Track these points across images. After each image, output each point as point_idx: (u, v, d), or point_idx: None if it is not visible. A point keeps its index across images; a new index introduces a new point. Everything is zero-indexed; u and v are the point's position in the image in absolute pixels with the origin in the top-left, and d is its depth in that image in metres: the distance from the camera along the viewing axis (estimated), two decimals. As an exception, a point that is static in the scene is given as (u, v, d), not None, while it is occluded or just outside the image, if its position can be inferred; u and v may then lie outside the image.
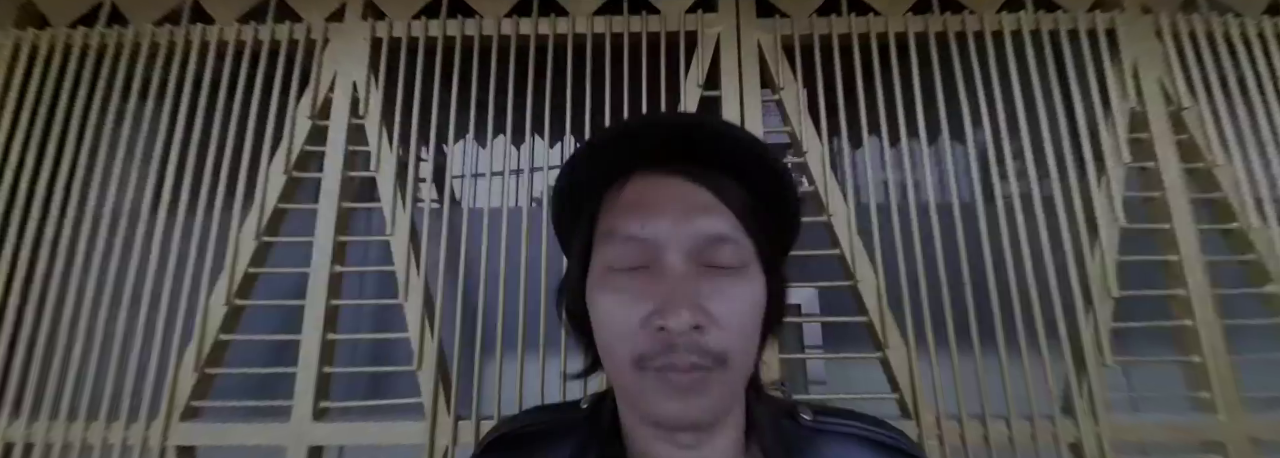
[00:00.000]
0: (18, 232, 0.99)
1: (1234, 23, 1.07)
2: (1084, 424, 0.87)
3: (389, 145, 1.00)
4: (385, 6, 1.06)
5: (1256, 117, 1.02)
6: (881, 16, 1.04)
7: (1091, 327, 0.90)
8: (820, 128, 1.00)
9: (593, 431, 0.39)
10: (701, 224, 0.32)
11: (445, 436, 0.86)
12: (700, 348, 0.30)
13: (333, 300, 0.92)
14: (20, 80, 1.05)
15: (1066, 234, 0.94)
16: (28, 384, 0.93)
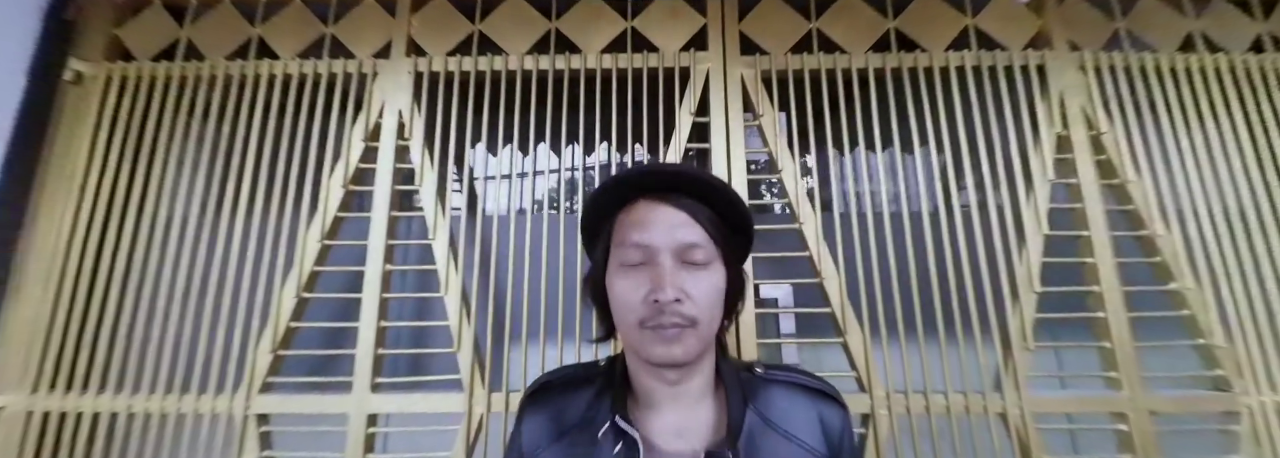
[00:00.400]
0: (116, 233, 1.17)
1: (1150, 58, 1.24)
2: (1009, 398, 1.04)
3: (429, 163, 1.18)
4: (425, 45, 1.24)
5: (1165, 139, 1.19)
6: (847, 54, 1.22)
7: (1017, 317, 1.08)
8: (793, 148, 1.18)
9: (609, 376, 0.57)
10: (681, 235, 0.50)
11: (480, 405, 1.04)
12: (680, 313, 0.47)
13: (384, 294, 1.10)
14: (113, 106, 1.23)
15: (999, 240, 1.12)
16: (129, 363, 1.10)
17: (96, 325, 1.13)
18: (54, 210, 1.17)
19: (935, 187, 1.18)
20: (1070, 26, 1.26)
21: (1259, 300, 1.11)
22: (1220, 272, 1.12)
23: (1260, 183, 1.18)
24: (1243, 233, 1.15)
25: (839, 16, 1.26)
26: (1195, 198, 1.16)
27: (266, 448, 1.06)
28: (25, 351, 1.10)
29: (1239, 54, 1.26)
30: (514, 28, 1.25)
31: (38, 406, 1.08)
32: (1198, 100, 1.22)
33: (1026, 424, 1.03)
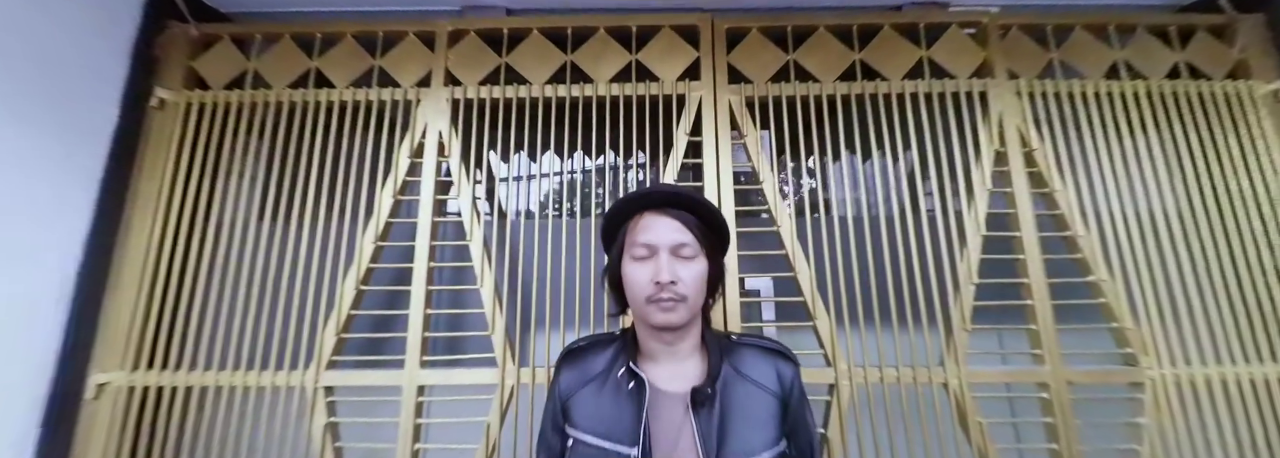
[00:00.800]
0: (200, 237, 1.38)
1: (1079, 84, 1.45)
2: (950, 370, 1.25)
3: (465, 176, 1.38)
4: (459, 75, 1.45)
5: (1087, 153, 1.40)
6: (819, 82, 1.44)
7: (958, 304, 1.29)
8: (772, 163, 1.39)
9: (623, 340, 0.78)
10: (675, 237, 0.71)
11: (511, 378, 1.25)
12: (674, 291, 0.68)
13: (429, 287, 1.31)
14: (191, 129, 1.44)
15: (944, 239, 1.32)
16: (214, 345, 1.31)
17: (185, 314, 1.34)
18: (144, 218, 1.38)
19: (892, 195, 1.39)
20: (1010, 57, 1.47)
21: (1163, 290, 1.32)
22: (1130, 266, 1.33)
23: (1168, 190, 1.39)
24: (1151, 233, 1.36)
25: (812, 50, 1.47)
26: (1111, 204, 1.37)
27: (332, 415, 1.27)
28: (124, 336, 1.31)
29: (1157, 80, 1.48)
30: (535, 60, 1.46)
31: (137, 382, 1.29)
32: (1118, 120, 1.43)
33: (964, 393, 1.24)
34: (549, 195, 1.64)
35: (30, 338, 1.21)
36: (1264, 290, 1.33)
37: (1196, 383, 1.27)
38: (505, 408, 1.25)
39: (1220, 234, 1.37)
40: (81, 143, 1.32)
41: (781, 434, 0.71)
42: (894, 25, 1.48)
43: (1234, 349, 1.30)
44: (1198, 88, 1.46)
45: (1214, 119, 1.45)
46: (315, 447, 1.25)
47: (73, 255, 1.29)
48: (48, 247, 1.25)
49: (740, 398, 0.72)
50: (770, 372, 0.76)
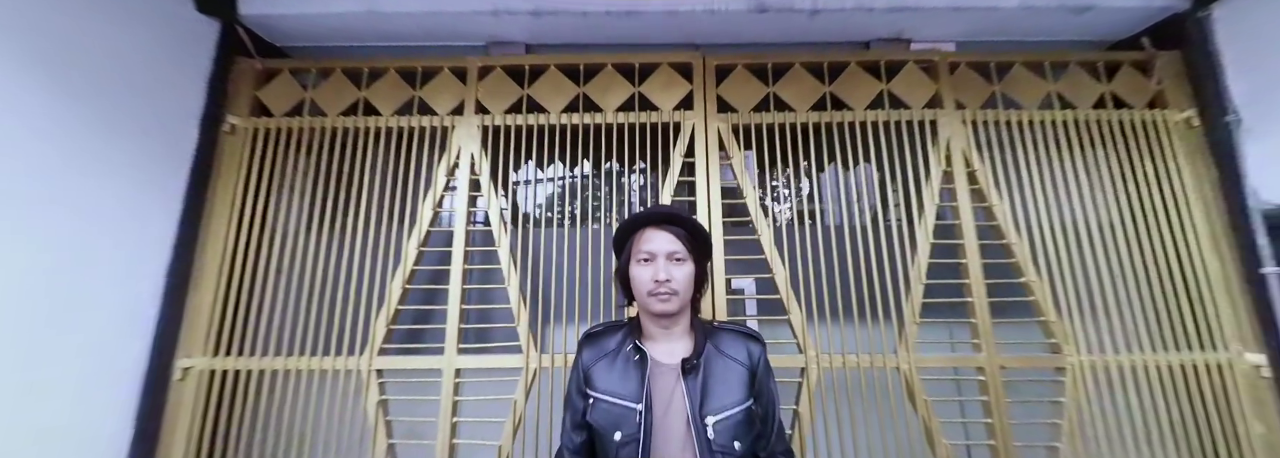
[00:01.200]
0: (268, 242, 1.61)
1: (1016, 114, 1.69)
2: (902, 357, 1.48)
3: (494, 191, 1.62)
4: (488, 105, 1.69)
5: (1020, 173, 1.64)
6: (794, 111, 1.67)
7: (910, 301, 1.52)
8: (754, 181, 1.63)
9: (631, 325, 1.01)
10: (670, 246, 0.94)
11: (534, 362, 1.48)
12: (670, 288, 0.92)
13: (464, 286, 1.54)
14: (261, 152, 1.68)
15: (897, 245, 1.56)
16: (283, 334, 1.54)
17: (256, 307, 1.58)
18: (219, 226, 1.61)
19: (855, 207, 1.63)
20: (958, 90, 1.71)
21: (1083, 290, 1.56)
22: (1055, 269, 1.57)
23: (1090, 205, 1.63)
24: (1074, 241, 1.60)
25: (788, 83, 1.71)
26: (1040, 216, 1.61)
27: (383, 394, 1.50)
28: (204, 327, 1.54)
29: (1085, 110, 1.72)
30: (552, 92, 1.70)
31: (216, 366, 1.52)
32: (1049, 144, 1.67)
33: (913, 376, 1.47)
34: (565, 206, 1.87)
35: (132, 330, 1.44)
36: (1169, 291, 1.57)
37: (1109, 368, 1.51)
38: (529, 388, 1.48)
39: (1135, 243, 1.61)
40: (168, 164, 1.56)
41: (749, 396, 0.94)
42: (859, 62, 1.73)
43: (1142, 341, 1.54)
44: (1120, 116, 1.70)
45: (1133, 143, 1.69)
46: (370, 421, 1.48)
47: (162, 258, 1.52)
48: (143, 251, 1.48)
49: (718, 369, 0.95)
50: (742, 350, 0.99)
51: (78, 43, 1.32)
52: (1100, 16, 1.77)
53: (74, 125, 1.30)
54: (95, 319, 1.34)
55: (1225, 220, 1.60)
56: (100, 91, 1.37)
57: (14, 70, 1.17)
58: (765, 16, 1.72)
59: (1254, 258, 1.53)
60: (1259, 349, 1.51)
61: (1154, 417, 1.50)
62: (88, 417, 1.32)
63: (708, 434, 0.87)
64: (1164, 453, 1.48)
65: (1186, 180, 1.64)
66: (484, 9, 1.70)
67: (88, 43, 1.34)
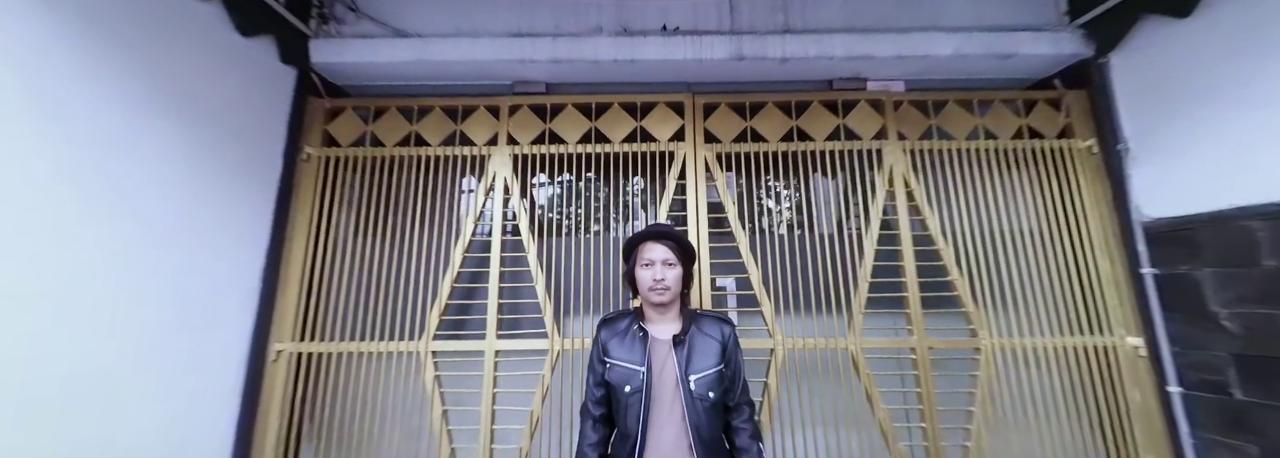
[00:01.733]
0: (340, 250, 1.97)
1: (948, 144, 2.05)
2: (851, 340, 1.84)
3: (522, 207, 1.98)
4: (517, 137, 2.05)
5: (949, 192, 2.00)
6: (767, 141, 2.04)
7: (858, 295, 1.88)
8: (734, 198, 1.99)
9: (636, 312, 1.38)
10: (664, 255, 1.31)
11: (557, 345, 1.84)
12: (664, 285, 1.29)
13: (501, 284, 1.90)
14: (331, 176, 2.03)
15: (849, 251, 1.92)
16: (357, 323, 1.90)
17: (333, 302, 1.93)
18: (299, 236, 1.97)
19: (817, 219, 1.99)
20: (901, 123, 2.07)
21: (997, 286, 1.92)
22: (975, 269, 1.93)
23: (1006, 216, 2.00)
24: (991, 247, 1.96)
25: (763, 119, 2.07)
26: (964, 226, 1.97)
27: (437, 371, 1.86)
28: (291, 318, 1.90)
29: (1005, 140, 2.08)
30: (570, 126, 2.07)
31: (301, 349, 1.88)
32: (974, 168, 2.04)
33: (859, 355, 1.84)
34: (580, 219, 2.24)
35: (239, 322, 1.80)
36: (1068, 287, 1.93)
37: (1017, 349, 1.87)
38: (554, 365, 1.84)
39: (1042, 248, 1.97)
40: (260, 189, 1.91)
41: (721, 362, 1.30)
42: (821, 101, 2.09)
43: (1045, 327, 1.90)
44: (1035, 145, 2.06)
45: (1045, 167, 2.05)
46: (427, 392, 1.84)
47: (257, 265, 1.88)
48: (244, 261, 1.84)
49: (700, 343, 1.31)
50: (717, 330, 1.35)
51: (200, 94, 1.67)
52: (1021, 61, 2.13)
53: (199, 166, 1.65)
54: (214, 317, 1.69)
55: (1115, 230, 1.96)
56: (214, 133, 1.72)
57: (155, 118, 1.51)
58: (743, 62, 2.08)
59: (1136, 261, 1.90)
60: (1138, 334, 1.87)
61: (1052, 388, 1.86)
62: (211, 390, 1.68)
63: (691, 387, 1.23)
64: (1059, 416, 1.84)
65: (1086, 198, 2.01)
66: (512, 57, 2.06)
67: (205, 93, 1.69)
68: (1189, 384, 1.76)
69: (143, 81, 1.46)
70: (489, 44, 2.05)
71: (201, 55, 1.68)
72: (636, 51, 2.04)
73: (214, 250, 1.69)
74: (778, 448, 1.83)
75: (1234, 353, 1.62)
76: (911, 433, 1.84)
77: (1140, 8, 1.85)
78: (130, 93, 1.43)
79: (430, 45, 2.05)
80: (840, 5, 2.13)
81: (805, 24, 2.12)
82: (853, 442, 1.84)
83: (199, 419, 1.65)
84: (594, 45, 2.05)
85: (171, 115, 1.55)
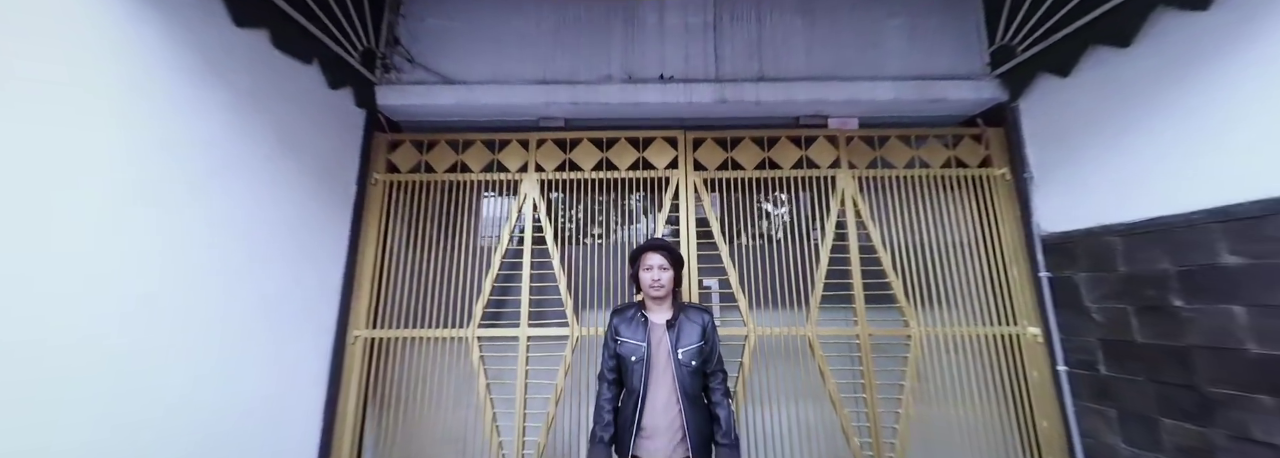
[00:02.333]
0: (402, 257, 2.43)
1: (890, 172, 2.52)
2: (809, 329, 2.30)
3: (548, 221, 2.45)
4: (543, 165, 2.52)
5: (889, 210, 2.47)
6: (744, 169, 2.50)
7: (815, 293, 2.34)
8: (717, 215, 2.45)
9: (639, 304, 1.85)
10: (660, 261, 1.78)
11: (576, 332, 2.30)
12: (659, 283, 1.75)
13: (532, 283, 2.37)
14: (392, 199, 2.50)
15: (809, 258, 2.39)
16: (420, 313, 2.36)
17: (398, 296, 2.39)
18: (369, 245, 2.43)
19: (784, 232, 2.45)
20: (851, 155, 2.54)
21: (925, 287, 2.38)
22: (908, 273, 2.39)
23: (935, 230, 2.46)
24: (920, 255, 2.42)
25: (741, 151, 2.54)
26: (899, 238, 2.43)
27: (481, 352, 2.32)
28: (364, 310, 2.36)
29: (936, 168, 2.54)
30: (585, 156, 2.54)
31: (374, 335, 2.34)
32: (910, 192, 2.50)
33: (815, 341, 2.29)
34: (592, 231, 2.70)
35: (327, 312, 2.26)
36: (984, 287, 2.39)
37: (940, 337, 2.33)
38: (574, 348, 2.30)
39: (962, 256, 2.43)
40: (340, 209, 2.37)
41: (702, 339, 1.75)
42: (788, 136, 2.56)
43: (964, 319, 2.36)
44: (960, 173, 2.53)
45: (969, 191, 2.51)
46: (473, 370, 2.30)
47: (340, 265, 2.34)
48: (330, 261, 2.30)
49: (686, 326, 1.77)
50: (700, 317, 1.80)
51: (302, 135, 2.12)
52: (950, 104, 2.59)
53: (302, 191, 2.11)
54: (311, 309, 2.15)
55: (1022, 242, 2.42)
56: (311, 164, 2.17)
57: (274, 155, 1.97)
58: (726, 104, 2.55)
59: (1036, 266, 2.35)
60: (1037, 325, 2.32)
61: (969, 368, 2.32)
62: (309, 364, 2.14)
63: (679, 357, 1.69)
64: (974, 391, 2.30)
65: (1001, 215, 2.47)
66: (538, 101, 2.52)
67: (306, 134, 2.15)
68: (1071, 364, 2.21)
69: (266, 126, 1.92)
70: (519, 89, 2.52)
71: (304, 105, 2.14)
72: (639, 96, 2.51)
73: (312, 257, 2.16)
74: (751, 414, 2.28)
75: (1100, 338, 2.08)
76: (856, 402, 2.29)
77: (1036, 66, 2.32)
78: (257, 135, 1.88)
79: (472, 90, 2.53)
80: (803, 58, 2.61)
81: (776, 73, 2.59)
82: (809, 410, 2.30)
83: (301, 386, 2.10)
84: (605, 91, 2.52)
85: (288, 153, 2.02)
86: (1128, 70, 1.95)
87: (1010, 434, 2.28)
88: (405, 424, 2.33)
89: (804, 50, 2.60)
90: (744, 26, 2.62)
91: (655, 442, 1.64)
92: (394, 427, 2.33)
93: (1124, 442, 1.97)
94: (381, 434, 2.33)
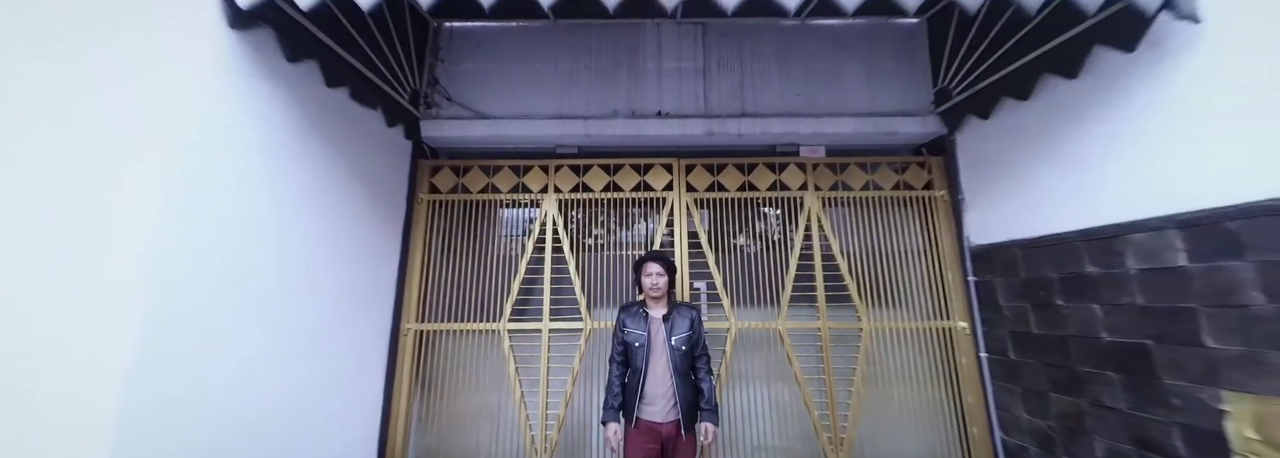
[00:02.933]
0: (445, 262, 2.90)
1: (848, 194, 3.01)
2: (780, 323, 2.78)
3: (564, 234, 2.92)
4: (560, 187, 2.99)
5: (847, 223, 2.95)
6: (728, 191, 2.98)
7: (784, 293, 2.82)
8: (706, 229, 2.93)
9: (641, 302, 2.33)
10: (658, 269, 2.26)
11: (589, 326, 2.78)
12: (658, 286, 2.23)
13: (552, 286, 2.84)
14: (434, 215, 2.97)
15: (780, 265, 2.87)
16: (459, 309, 2.83)
17: (441, 295, 2.86)
18: (417, 253, 2.89)
19: (760, 243, 2.94)
20: (816, 178, 3.02)
21: (875, 288, 2.87)
22: (862, 277, 2.87)
23: (883, 242, 2.94)
24: (872, 262, 2.91)
25: (725, 175, 3.02)
26: (856, 247, 2.91)
27: (510, 342, 2.79)
28: (413, 307, 2.82)
29: (888, 190, 3.03)
30: (595, 179, 3.01)
31: (421, 328, 2.81)
32: (866, 210, 2.98)
33: (785, 333, 2.78)
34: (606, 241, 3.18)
35: (386, 309, 2.72)
36: (924, 289, 2.88)
37: (887, 330, 2.81)
38: (587, 339, 2.77)
39: (908, 263, 2.92)
40: (392, 222, 2.84)
41: (690, 330, 2.22)
42: (764, 163, 3.04)
43: (908, 315, 2.85)
44: (908, 194, 3.01)
45: (914, 209, 3.00)
46: (505, 356, 2.77)
47: (393, 270, 2.80)
48: (386, 267, 2.76)
49: (678, 319, 2.24)
50: (689, 313, 2.28)
51: (367, 164, 2.58)
52: (900, 136, 3.07)
53: (367, 211, 2.57)
54: (373, 306, 2.62)
55: (956, 252, 2.90)
56: (373, 188, 2.64)
57: (345, 181, 2.43)
58: (712, 136, 3.02)
59: (966, 272, 2.84)
60: (965, 320, 2.81)
61: (909, 355, 2.80)
62: (371, 353, 2.61)
63: (671, 343, 2.16)
64: (914, 374, 2.78)
65: (940, 229, 2.95)
66: (556, 133, 2.99)
67: (370, 163, 2.61)
68: (990, 351, 2.70)
69: (345, 161, 2.38)
70: (540, 123, 3.00)
71: (369, 141, 2.60)
72: (640, 129, 2.99)
73: (373, 264, 2.62)
74: (732, 392, 2.76)
75: (1009, 330, 2.56)
76: (817, 383, 2.77)
77: (965, 108, 2.81)
78: (338, 167, 2.33)
79: (500, 123, 3.00)
80: (778, 97, 3.09)
81: (755, 110, 3.07)
82: (779, 390, 2.78)
83: (365, 370, 2.57)
84: (612, 124, 2.99)
85: (357, 181, 2.48)
86: (1027, 117, 2.44)
87: (943, 410, 2.77)
88: (448, 401, 2.80)
89: (779, 91, 3.08)
90: (729, 72, 3.10)
91: (653, 407, 2.11)
92: (438, 403, 2.80)
93: (1026, 413, 2.46)
94: (427, 409, 2.80)
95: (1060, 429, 2.26)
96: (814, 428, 2.72)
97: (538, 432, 2.70)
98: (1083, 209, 2.13)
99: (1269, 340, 1.51)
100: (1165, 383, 1.80)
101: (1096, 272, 2.07)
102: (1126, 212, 1.93)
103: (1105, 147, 2.02)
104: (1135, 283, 1.90)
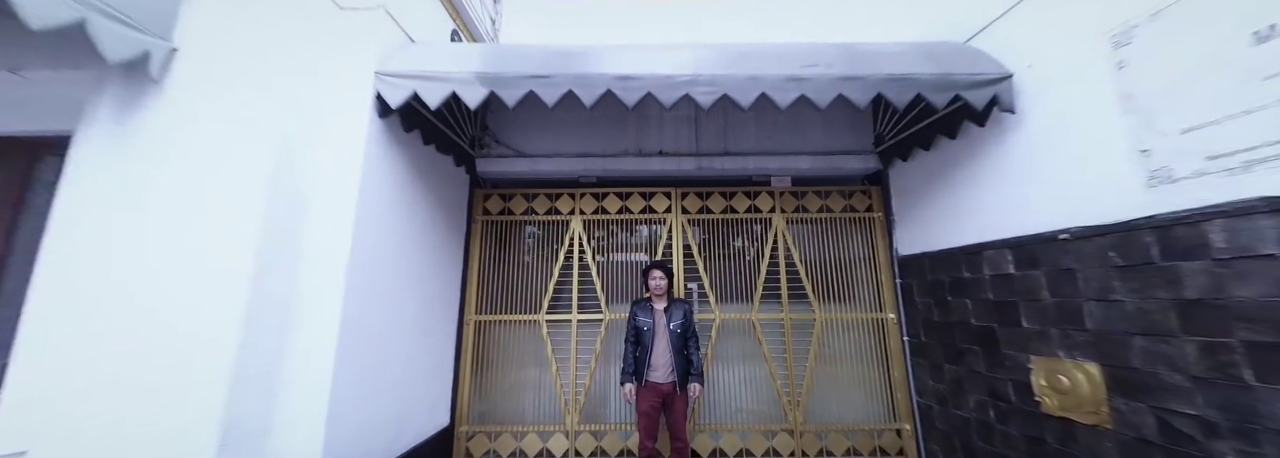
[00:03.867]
0: (493, 273, 3.74)
1: (807, 215, 3.85)
2: (753, 315, 3.62)
3: (587, 245, 3.76)
4: (583, 210, 3.83)
5: (806, 237, 3.80)
6: (714, 213, 3.83)
7: (757, 293, 3.67)
8: (697, 243, 3.78)
9: (648, 299, 3.18)
10: (661, 273, 3.11)
11: (607, 316, 3.61)
12: (660, 287, 3.08)
13: (578, 289, 3.68)
14: (486, 232, 3.80)
15: (753, 270, 3.71)
16: (509, 302, 3.67)
17: (495, 292, 3.70)
18: (475, 261, 3.73)
19: (739, 253, 3.78)
20: (782, 203, 3.86)
21: (827, 287, 3.71)
22: (817, 280, 3.72)
23: (835, 252, 3.79)
24: (825, 268, 3.75)
25: (712, 201, 3.86)
26: (811, 255, 3.76)
27: (547, 330, 3.63)
28: (474, 302, 3.66)
29: (838, 213, 3.87)
30: (611, 204, 3.84)
31: (480, 318, 3.64)
32: (821, 227, 3.83)
33: (757, 324, 3.62)
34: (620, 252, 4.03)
35: (453, 304, 3.56)
36: (867, 288, 3.72)
37: (836, 321, 3.65)
38: (606, 328, 3.61)
39: (853, 269, 3.77)
40: (457, 237, 3.67)
41: (685, 318, 3.05)
42: (743, 191, 3.89)
43: (852, 308, 3.69)
44: (854, 215, 3.85)
45: (858, 227, 3.84)
46: (543, 341, 3.60)
47: (458, 274, 3.64)
48: (453, 272, 3.59)
49: (676, 311, 3.07)
50: (684, 306, 3.11)
51: (442, 195, 3.41)
52: (848, 170, 3.90)
53: (442, 229, 3.41)
54: (446, 302, 3.45)
55: (888, 260, 3.75)
56: (444, 212, 3.47)
57: (431, 208, 3.26)
58: (702, 170, 3.86)
59: (895, 275, 3.68)
60: (894, 312, 3.65)
61: (852, 340, 3.65)
62: (443, 340, 3.44)
63: (671, 327, 3.00)
64: (856, 355, 3.63)
65: (877, 243, 3.80)
66: (580, 167, 3.83)
67: (445, 194, 3.44)
68: (909, 335, 3.54)
69: (432, 194, 3.21)
70: (568, 160, 3.84)
71: (444, 178, 3.44)
72: (645, 165, 3.83)
73: (444, 270, 3.46)
74: (717, 371, 3.60)
75: (922, 320, 3.40)
76: (781, 362, 3.61)
77: (893, 152, 3.65)
78: (427, 200, 3.17)
79: (536, 160, 3.84)
80: (753, 139, 3.93)
81: (736, 149, 3.91)
82: (752, 368, 3.61)
83: (440, 353, 3.40)
84: (623, 161, 3.83)
85: (436, 208, 3.31)
86: (931, 162, 3.29)
87: (875, 380, 3.61)
88: (499, 374, 3.63)
89: (754, 135, 3.93)
90: (715, 119, 3.95)
91: (657, 373, 2.95)
92: (492, 378, 3.63)
93: (931, 380, 3.30)
94: (483, 383, 3.63)
95: (951, 390, 3.10)
96: (778, 394, 3.56)
97: (570, 396, 3.53)
98: (960, 231, 2.97)
99: (1050, 322, 2.36)
100: (1004, 352, 2.64)
101: (968, 276, 2.91)
102: (982, 235, 2.78)
103: (969, 188, 2.88)
104: (988, 284, 2.75)
